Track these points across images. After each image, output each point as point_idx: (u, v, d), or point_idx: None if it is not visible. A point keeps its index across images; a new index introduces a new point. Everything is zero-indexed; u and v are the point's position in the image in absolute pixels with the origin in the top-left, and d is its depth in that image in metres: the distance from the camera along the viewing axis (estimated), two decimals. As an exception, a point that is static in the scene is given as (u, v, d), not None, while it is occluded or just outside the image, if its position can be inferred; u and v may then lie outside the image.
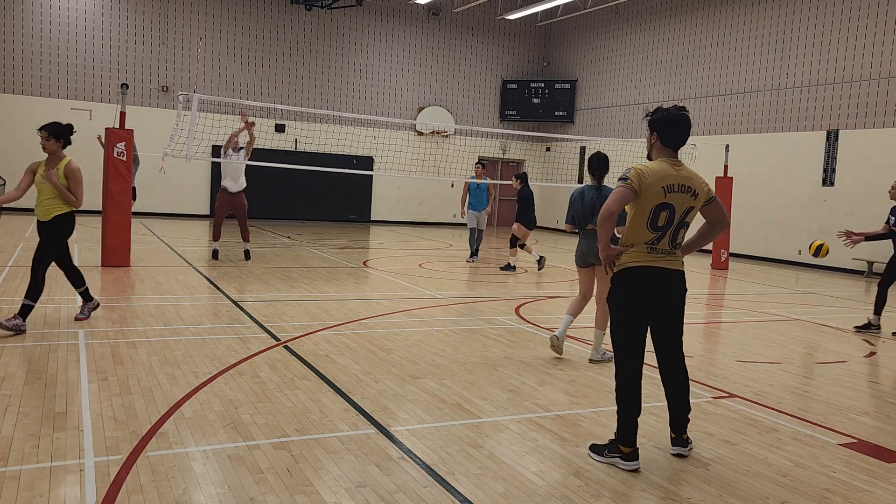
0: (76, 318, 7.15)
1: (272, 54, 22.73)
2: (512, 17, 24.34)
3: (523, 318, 8.59)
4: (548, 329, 7.96)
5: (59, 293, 8.46)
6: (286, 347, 6.49)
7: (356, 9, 23.52)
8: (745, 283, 13.67)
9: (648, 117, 4.31)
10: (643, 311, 4.19)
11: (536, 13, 25.17)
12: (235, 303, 8.55)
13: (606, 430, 4.71)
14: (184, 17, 21.63)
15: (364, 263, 13.20)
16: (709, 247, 18.14)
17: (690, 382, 4.64)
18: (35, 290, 6.59)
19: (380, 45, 24.24)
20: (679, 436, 4.37)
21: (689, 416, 4.39)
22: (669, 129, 4.21)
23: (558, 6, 23.79)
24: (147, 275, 10.31)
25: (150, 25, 21.28)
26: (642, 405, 4.21)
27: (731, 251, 17.20)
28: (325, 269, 12.18)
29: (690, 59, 20.62)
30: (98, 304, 7.41)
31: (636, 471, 4.07)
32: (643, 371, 4.23)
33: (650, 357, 4.42)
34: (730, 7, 19.48)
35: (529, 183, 13.66)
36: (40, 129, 6.91)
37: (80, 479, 3.58)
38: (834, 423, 5.13)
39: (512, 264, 13.20)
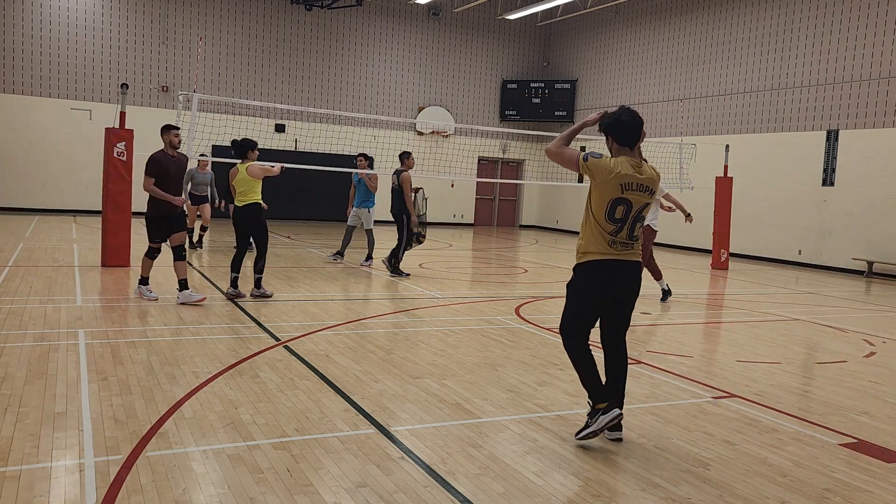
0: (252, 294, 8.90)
1: (272, 54, 22.73)
2: (512, 17, 24.35)
3: (523, 318, 8.59)
4: (548, 329, 7.96)
5: (58, 293, 8.46)
6: (286, 347, 6.48)
7: (356, 9, 23.51)
8: (745, 283, 13.67)
9: (601, 123, 4.61)
10: (600, 301, 4.51)
11: (536, 13, 25.17)
12: (235, 303, 8.55)
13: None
14: (184, 17, 21.63)
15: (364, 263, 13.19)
16: (709, 247, 18.14)
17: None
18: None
19: (380, 45, 24.24)
20: (608, 403, 4.46)
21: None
22: (618, 130, 4.50)
23: (558, 6, 23.79)
24: (147, 275, 10.30)
25: (150, 25, 21.28)
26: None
27: (731, 251, 17.20)
28: (325, 269, 12.17)
29: (690, 59, 20.62)
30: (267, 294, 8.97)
31: (620, 416, 4.39)
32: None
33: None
34: (730, 7, 19.48)
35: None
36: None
37: (80, 479, 3.58)
38: (834, 423, 5.13)
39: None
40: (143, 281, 8.54)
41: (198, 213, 13.66)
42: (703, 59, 20.24)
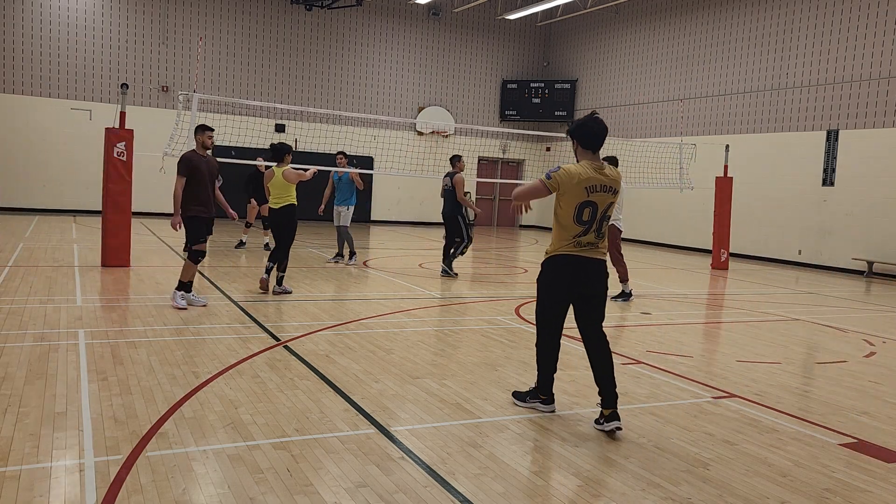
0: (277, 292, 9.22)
1: (272, 54, 22.73)
2: (512, 17, 24.34)
3: (523, 318, 8.59)
4: (548, 329, 7.95)
5: (58, 293, 8.46)
6: (286, 347, 6.48)
7: (356, 9, 23.51)
8: (745, 283, 13.67)
9: (569, 127, 4.96)
10: (565, 294, 4.83)
11: (536, 13, 25.17)
12: (235, 303, 8.55)
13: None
14: (184, 17, 21.63)
15: (364, 263, 13.20)
16: (709, 247, 18.15)
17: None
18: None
19: (380, 45, 24.24)
20: (613, 411, 4.65)
21: (617, 391, 4.76)
22: (583, 135, 4.75)
23: (558, 6, 23.79)
24: (147, 275, 10.31)
25: (150, 25, 21.28)
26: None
27: (731, 251, 17.20)
28: (325, 269, 12.17)
29: (690, 59, 20.62)
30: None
31: (552, 412, 4.97)
32: (561, 343, 5.07)
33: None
34: (730, 7, 19.48)
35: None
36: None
37: (80, 479, 3.58)
38: (834, 423, 5.13)
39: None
40: (187, 287, 8.14)
41: None
42: (703, 59, 20.24)
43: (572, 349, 7.05)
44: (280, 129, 22.69)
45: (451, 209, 11.85)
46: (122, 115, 11.33)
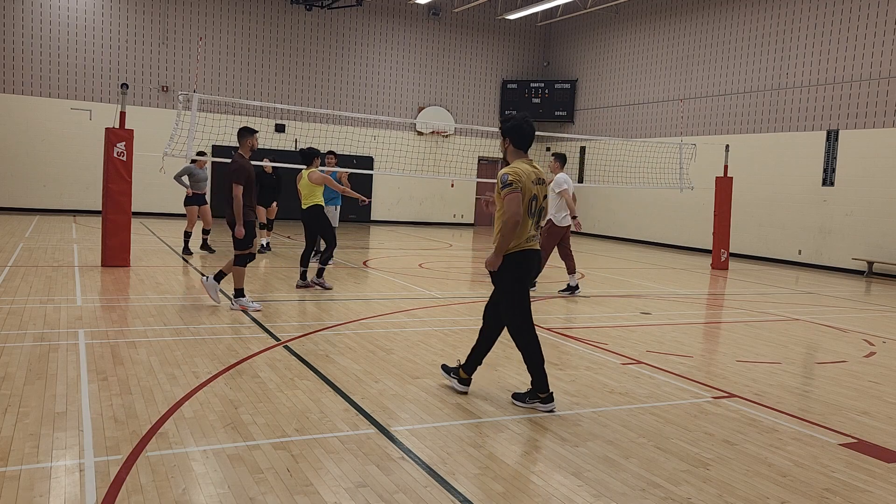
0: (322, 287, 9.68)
1: (272, 54, 22.73)
2: (512, 17, 24.34)
3: (523, 318, 8.58)
4: (548, 329, 7.96)
5: (58, 293, 8.47)
6: (286, 347, 6.48)
7: (356, 9, 23.52)
8: (745, 283, 13.67)
9: (501, 125, 5.16)
10: (527, 286, 5.15)
11: (536, 13, 25.18)
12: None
13: (607, 429, 4.72)
14: (184, 17, 21.63)
15: (364, 263, 13.20)
16: (709, 247, 18.15)
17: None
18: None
19: (380, 45, 24.24)
20: (549, 394, 5.07)
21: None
22: (519, 136, 5.07)
23: (558, 6, 23.79)
24: (147, 275, 10.31)
25: (150, 25, 21.29)
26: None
27: (731, 251, 17.21)
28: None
29: (690, 59, 20.62)
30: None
31: (552, 411, 5.02)
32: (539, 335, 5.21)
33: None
34: (730, 7, 19.48)
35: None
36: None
37: (80, 479, 3.58)
38: (834, 423, 5.13)
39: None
40: (241, 292, 8.13)
41: (197, 215, 13.11)
42: (703, 59, 20.24)
43: (572, 349, 7.05)
44: (280, 129, 22.69)
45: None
46: (122, 115, 11.33)
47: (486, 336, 5.32)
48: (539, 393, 5.08)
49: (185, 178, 13.04)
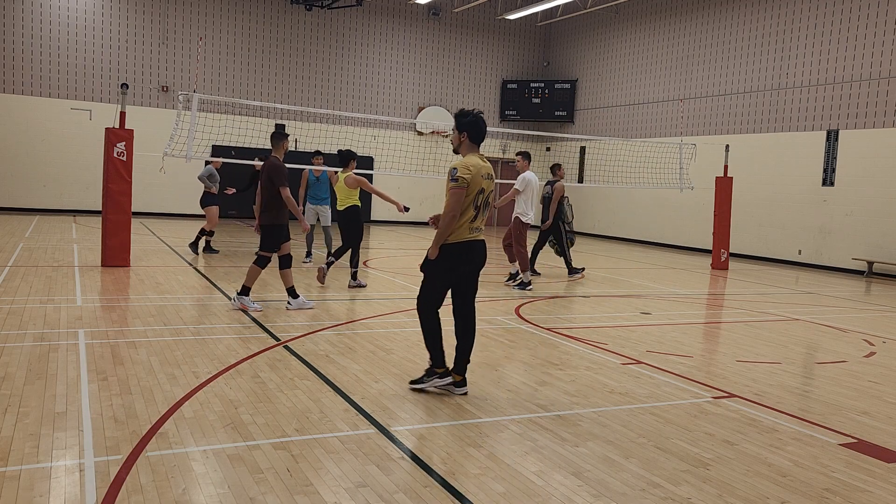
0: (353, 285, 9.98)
1: (272, 54, 22.73)
2: (512, 17, 24.34)
3: (523, 318, 8.59)
4: (548, 329, 7.96)
5: (58, 293, 8.46)
6: (286, 347, 6.48)
7: (356, 9, 23.52)
8: (745, 283, 13.67)
9: (458, 119, 5.32)
10: (454, 277, 5.31)
11: (536, 13, 25.17)
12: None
13: (607, 429, 4.72)
14: (184, 17, 21.63)
15: (364, 263, 13.20)
16: (709, 247, 18.14)
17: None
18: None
19: (380, 45, 24.25)
20: (464, 378, 5.35)
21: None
22: (475, 130, 5.28)
23: (558, 6, 23.79)
24: (147, 275, 10.31)
25: (150, 25, 21.29)
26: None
27: (731, 251, 17.20)
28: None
29: (690, 59, 20.62)
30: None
31: (465, 393, 5.30)
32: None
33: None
34: (730, 7, 19.48)
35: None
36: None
37: (80, 479, 3.58)
38: (834, 423, 5.13)
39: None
40: (247, 291, 8.10)
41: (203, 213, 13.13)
42: (703, 59, 20.24)
43: (572, 349, 7.05)
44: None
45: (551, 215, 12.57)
46: (122, 115, 11.33)
47: (462, 330, 5.44)
48: (437, 368, 5.32)
49: (215, 186, 13.06)
